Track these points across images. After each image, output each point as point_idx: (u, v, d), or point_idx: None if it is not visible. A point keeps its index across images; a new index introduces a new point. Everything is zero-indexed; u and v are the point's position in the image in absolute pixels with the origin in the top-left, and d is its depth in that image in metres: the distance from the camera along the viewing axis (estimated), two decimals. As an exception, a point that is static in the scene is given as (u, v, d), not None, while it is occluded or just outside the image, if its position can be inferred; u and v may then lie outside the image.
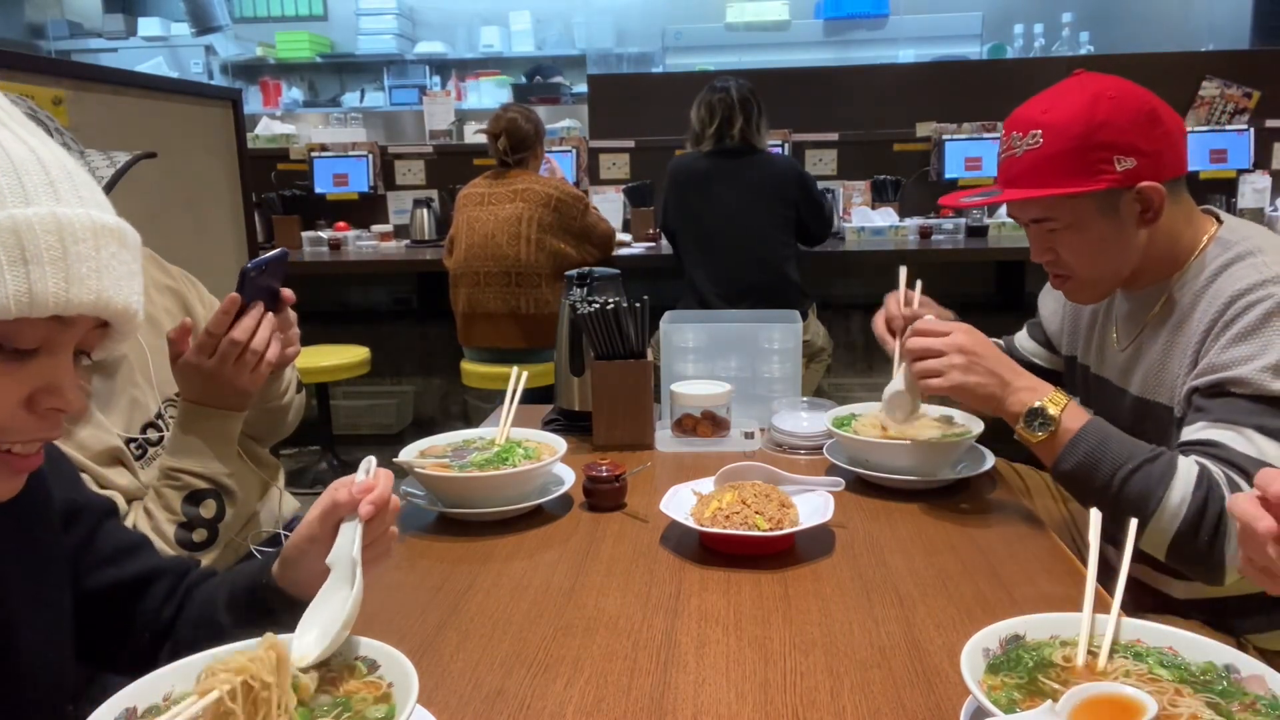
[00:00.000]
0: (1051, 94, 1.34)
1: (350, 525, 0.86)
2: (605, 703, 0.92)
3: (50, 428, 0.71)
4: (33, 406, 0.69)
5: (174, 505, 1.29)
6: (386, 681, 0.78)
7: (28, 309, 0.63)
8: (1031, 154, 1.32)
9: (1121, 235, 1.33)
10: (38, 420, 0.70)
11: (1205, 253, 1.34)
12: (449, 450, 1.50)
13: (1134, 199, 1.30)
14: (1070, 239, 1.36)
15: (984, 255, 4.12)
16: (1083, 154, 1.28)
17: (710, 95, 3.39)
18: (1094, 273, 1.38)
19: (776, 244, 3.37)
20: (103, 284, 0.67)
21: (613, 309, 1.70)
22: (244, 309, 1.25)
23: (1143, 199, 1.30)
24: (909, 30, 6.05)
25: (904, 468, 1.47)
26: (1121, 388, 1.45)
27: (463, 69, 6.67)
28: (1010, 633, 0.84)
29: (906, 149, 4.53)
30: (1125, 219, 1.32)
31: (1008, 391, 1.29)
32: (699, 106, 3.42)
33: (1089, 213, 1.32)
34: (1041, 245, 1.40)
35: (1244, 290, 1.24)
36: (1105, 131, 1.27)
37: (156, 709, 0.73)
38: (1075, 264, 1.38)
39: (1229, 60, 4.60)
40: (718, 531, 1.23)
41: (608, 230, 3.62)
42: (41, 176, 0.66)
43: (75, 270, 0.65)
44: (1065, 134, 1.29)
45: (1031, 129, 1.32)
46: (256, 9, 6.72)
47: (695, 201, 3.38)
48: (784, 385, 1.88)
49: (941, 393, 1.36)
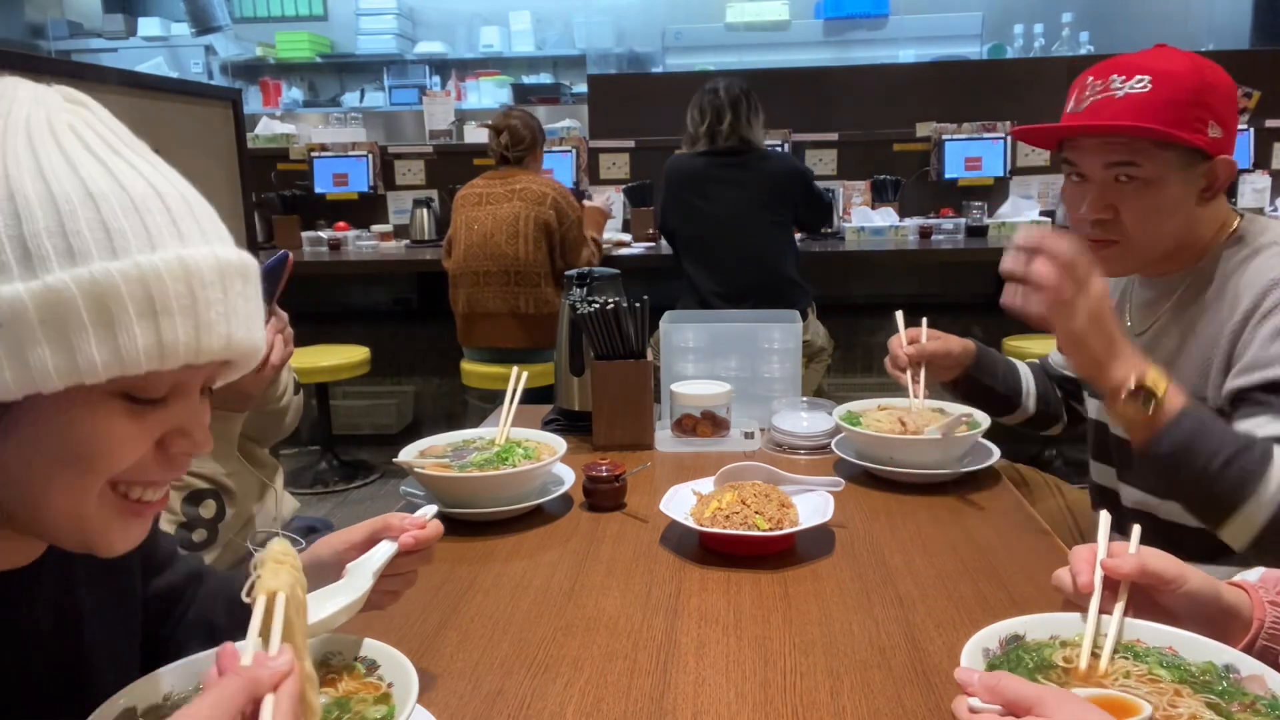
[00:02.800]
0: (1149, 53, 1.33)
1: (387, 545, 0.89)
2: (605, 703, 0.92)
3: (179, 468, 0.70)
4: (163, 449, 0.68)
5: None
6: (386, 681, 0.78)
7: (159, 362, 0.61)
8: (1136, 96, 1.29)
9: (1184, 203, 1.32)
10: (167, 462, 0.68)
11: (1227, 244, 1.35)
12: (449, 450, 1.50)
13: (1206, 171, 1.31)
14: (1140, 193, 1.32)
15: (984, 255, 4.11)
16: (1190, 107, 1.27)
17: (701, 97, 3.42)
18: (1145, 237, 1.35)
19: (774, 242, 3.37)
20: (231, 327, 0.65)
21: (613, 309, 1.70)
22: None
23: (1212, 173, 1.31)
24: (909, 30, 6.05)
25: (917, 461, 1.49)
26: None
27: (463, 69, 6.67)
28: (1010, 633, 0.84)
29: (906, 149, 4.53)
30: (1192, 188, 1.32)
31: (1117, 358, 1.21)
32: (692, 109, 3.45)
33: (1171, 169, 1.30)
34: (1102, 200, 1.35)
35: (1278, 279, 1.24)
36: (1212, 95, 1.28)
37: (157, 709, 0.73)
38: (1132, 224, 1.34)
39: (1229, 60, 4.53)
40: (718, 531, 1.23)
41: (588, 258, 3.56)
42: (163, 215, 0.63)
43: (204, 317, 0.63)
44: (1178, 84, 1.27)
45: (1137, 73, 1.30)
46: (256, 9, 6.72)
47: (692, 201, 3.39)
48: (784, 385, 1.88)
49: (1061, 331, 1.23)
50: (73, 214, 0.59)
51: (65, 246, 0.58)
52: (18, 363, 0.58)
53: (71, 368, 0.59)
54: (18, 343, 0.58)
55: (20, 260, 0.58)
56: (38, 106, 0.63)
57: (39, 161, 0.60)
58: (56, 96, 0.65)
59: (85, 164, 0.61)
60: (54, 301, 0.58)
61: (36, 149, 0.60)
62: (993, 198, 4.44)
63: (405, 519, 0.91)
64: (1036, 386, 1.72)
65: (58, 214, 0.59)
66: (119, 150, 0.64)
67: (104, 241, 0.60)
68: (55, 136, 0.62)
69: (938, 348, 1.62)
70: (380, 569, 0.87)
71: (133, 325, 0.60)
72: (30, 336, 0.58)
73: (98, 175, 0.61)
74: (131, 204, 0.61)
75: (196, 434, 0.69)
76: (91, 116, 0.65)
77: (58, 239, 0.58)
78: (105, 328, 0.59)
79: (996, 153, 4.41)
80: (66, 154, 0.61)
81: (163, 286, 0.61)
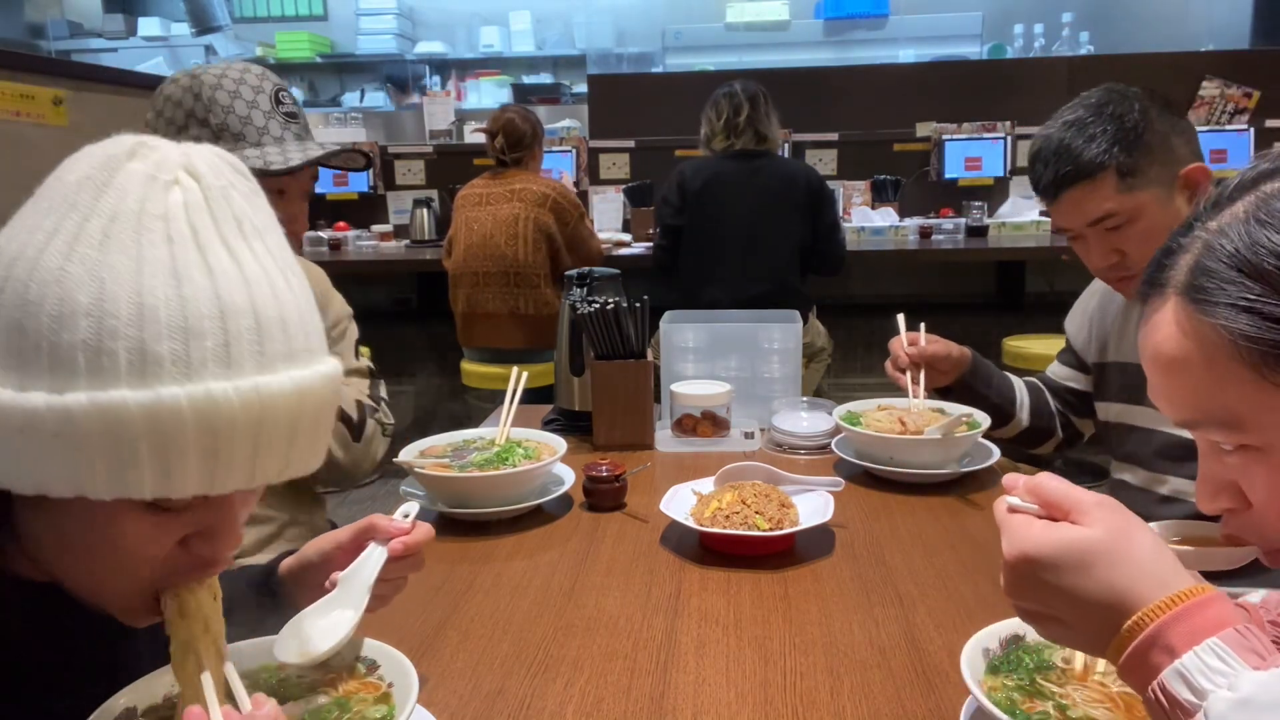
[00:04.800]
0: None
1: (377, 551, 0.87)
2: (605, 703, 0.92)
3: (210, 567, 0.67)
4: (185, 548, 0.65)
5: None
6: (386, 681, 0.78)
7: (207, 490, 0.58)
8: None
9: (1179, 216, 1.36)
10: (192, 562, 0.66)
11: None
12: (449, 450, 1.50)
13: (1184, 181, 1.38)
14: (1134, 233, 1.39)
15: (984, 255, 4.13)
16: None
17: (716, 98, 3.38)
18: None
19: (784, 252, 3.31)
20: (290, 457, 0.61)
21: (613, 309, 1.70)
22: None
23: (1191, 181, 1.38)
24: (909, 30, 6.04)
25: (917, 461, 1.49)
26: None
27: (463, 69, 6.66)
28: (1010, 633, 0.84)
29: (906, 149, 4.52)
30: (1179, 204, 1.38)
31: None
32: (706, 111, 3.39)
33: (1145, 199, 1.38)
34: (1104, 248, 1.43)
35: None
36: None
37: (156, 709, 0.73)
38: (1141, 257, 1.40)
39: (1229, 60, 4.60)
40: (718, 531, 1.23)
41: (596, 249, 3.58)
42: (251, 335, 0.58)
43: (264, 450, 0.59)
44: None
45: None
46: (256, 9, 6.71)
47: (705, 204, 3.34)
48: (784, 385, 1.88)
49: None
50: (113, 332, 0.55)
51: (96, 365, 0.55)
52: (32, 469, 0.57)
53: (120, 485, 0.57)
54: (39, 452, 0.56)
55: (91, 371, 0.55)
56: (140, 190, 0.58)
57: (135, 262, 0.56)
58: (178, 170, 0.60)
59: (153, 268, 0.56)
60: (65, 422, 0.55)
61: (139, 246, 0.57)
62: (993, 198, 4.44)
63: (391, 523, 0.89)
64: (1031, 400, 1.73)
65: (99, 328, 0.55)
66: (229, 243, 0.59)
67: (136, 366, 0.55)
68: (140, 230, 0.57)
69: (938, 350, 1.63)
70: (374, 580, 0.85)
71: (188, 459, 0.56)
72: (87, 447, 0.55)
73: (158, 284, 0.56)
74: (219, 315, 0.57)
75: (221, 538, 0.66)
76: (200, 198, 0.60)
77: (91, 355, 0.55)
78: (114, 456, 0.56)
79: (996, 153, 4.41)
80: (153, 253, 0.57)
81: (231, 419, 0.56)
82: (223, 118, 1.33)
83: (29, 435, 0.56)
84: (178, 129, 1.33)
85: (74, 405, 0.55)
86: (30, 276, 0.56)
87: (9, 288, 0.57)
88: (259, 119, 1.35)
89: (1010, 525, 0.66)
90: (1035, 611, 0.65)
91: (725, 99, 3.33)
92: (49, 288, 0.56)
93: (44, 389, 0.55)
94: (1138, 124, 1.36)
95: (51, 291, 0.56)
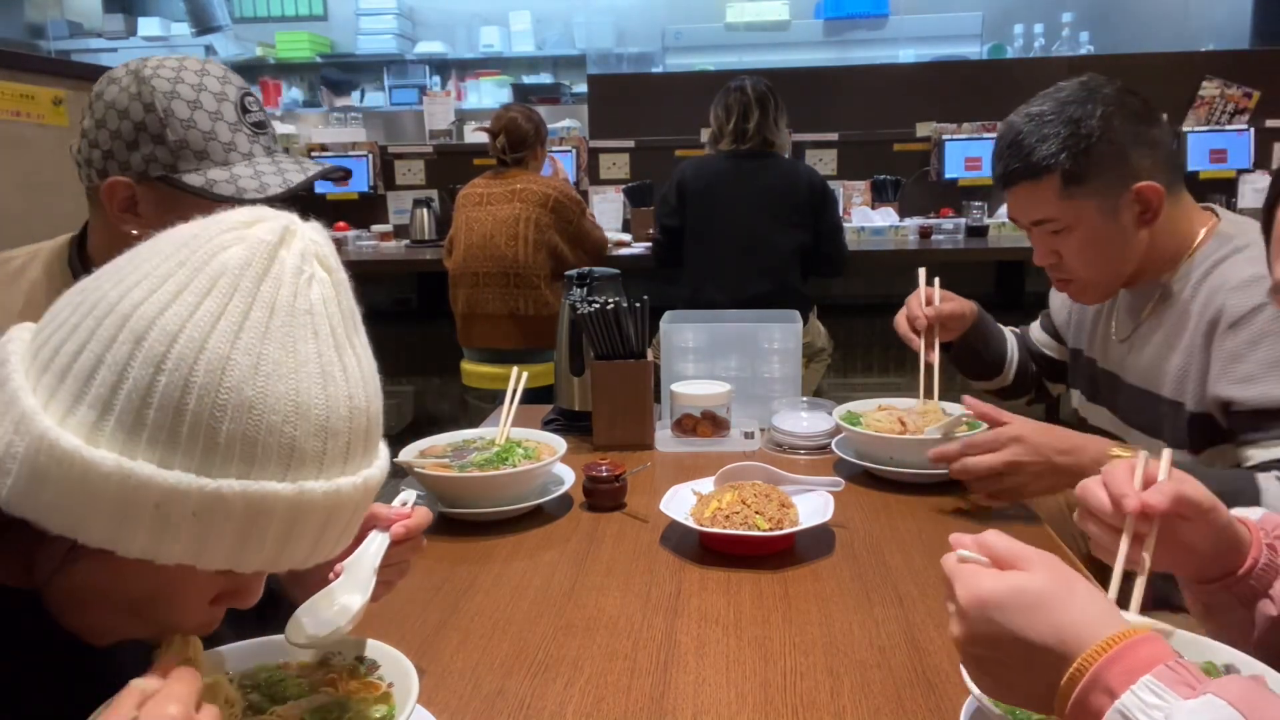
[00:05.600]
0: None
1: (379, 537, 0.88)
2: (605, 703, 0.92)
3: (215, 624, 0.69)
4: (215, 603, 0.68)
5: None
6: (386, 681, 0.78)
7: (271, 567, 0.62)
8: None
9: (1120, 234, 1.35)
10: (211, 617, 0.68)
11: (1203, 248, 1.36)
12: (449, 450, 1.50)
13: (1136, 198, 1.33)
14: (1072, 241, 1.37)
15: (984, 255, 4.12)
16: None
17: (727, 94, 3.35)
18: (1096, 274, 1.40)
19: (785, 252, 3.31)
20: (339, 543, 0.65)
21: (613, 309, 1.70)
22: None
23: (1143, 199, 1.32)
24: (909, 30, 6.04)
25: (914, 461, 1.49)
26: (1122, 379, 1.47)
27: (463, 69, 6.66)
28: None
29: (906, 149, 4.52)
30: (1123, 217, 1.34)
31: (1082, 470, 1.22)
32: (716, 106, 3.37)
33: (1087, 211, 1.34)
34: (1043, 249, 1.42)
35: (1242, 283, 1.25)
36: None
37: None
38: (1077, 266, 1.40)
39: (1229, 60, 4.60)
40: (718, 531, 1.23)
41: (601, 239, 3.61)
42: (344, 437, 0.62)
43: (326, 538, 0.63)
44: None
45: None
46: (256, 9, 6.71)
47: (706, 204, 3.34)
48: (784, 385, 1.88)
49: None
50: (272, 428, 0.58)
51: (250, 455, 0.58)
52: (154, 539, 0.58)
53: (194, 557, 0.59)
54: (169, 526, 0.57)
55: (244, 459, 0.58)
56: (292, 281, 0.61)
57: (292, 357, 0.59)
58: (313, 262, 0.63)
59: (308, 368, 0.60)
60: (213, 504, 0.57)
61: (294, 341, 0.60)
62: (993, 198, 4.43)
63: (391, 509, 0.90)
64: (1019, 358, 1.78)
65: (260, 423, 0.58)
66: (342, 348, 0.63)
67: (285, 459, 0.59)
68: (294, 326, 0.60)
69: (954, 309, 1.66)
70: (378, 565, 0.86)
71: (266, 543, 0.60)
72: (221, 528, 0.58)
73: (311, 384, 0.60)
74: (324, 425, 0.60)
75: (251, 594, 0.69)
76: (332, 293, 0.64)
77: (247, 446, 0.58)
78: (243, 536, 0.59)
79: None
80: (306, 349, 0.60)
81: (309, 515, 0.61)
82: (182, 134, 1.11)
83: (164, 510, 0.57)
84: (127, 145, 1.11)
85: (226, 491, 0.57)
86: (197, 359, 0.57)
87: (172, 365, 0.57)
88: (224, 133, 1.14)
89: (962, 573, 0.70)
90: (984, 657, 0.68)
91: (736, 100, 3.31)
92: (215, 375, 0.57)
93: (193, 470, 0.57)
94: (1092, 131, 1.31)
95: (218, 380, 0.57)
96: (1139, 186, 1.32)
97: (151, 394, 0.56)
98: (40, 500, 0.58)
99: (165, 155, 1.11)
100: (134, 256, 0.62)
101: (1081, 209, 1.33)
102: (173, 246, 0.61)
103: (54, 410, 0.58)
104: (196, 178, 1.11)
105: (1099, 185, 1.32)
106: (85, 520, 0.57)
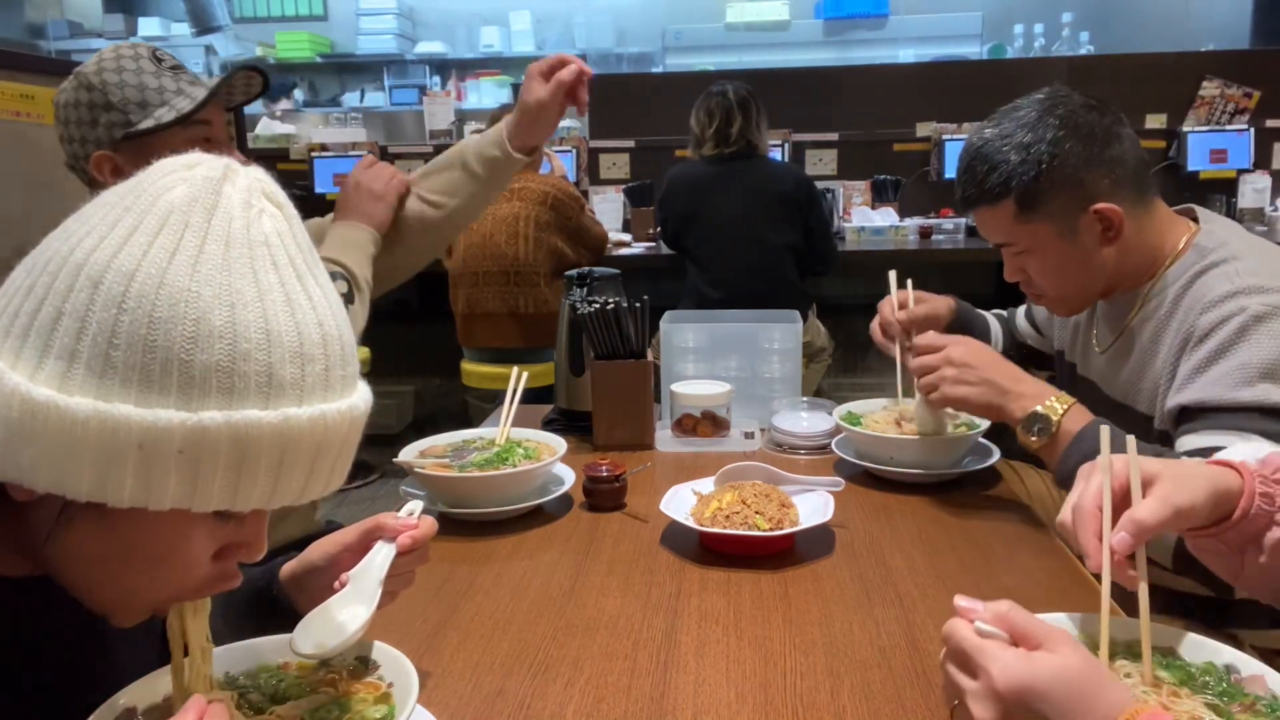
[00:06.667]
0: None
1: (386, 548, 0.88)
2: (605, 703, 0.92)
3: (229, 580, 0.69)
4: (220, 559, 0.67)
5: None
6: (386, 681, 0.78)
7: (265, 504, 0.61)
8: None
9: (1084, 256, 1.34)
10: (219, 572, 0.67)
11: (1180, 259, 1.34)
12: (449, 450, 1.50)
13: (1097, 218, 1.31)
14: (1034, 262, 1.38)
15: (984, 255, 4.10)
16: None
17: (708, 99, 3.38)
18: (1064, 292, 1.42)
19: (778, 250, 3.33)
20: (332, 479, 0.65)
21: (613, 309, 1.70)
22: None
23: (1105, 219, 1.31)
24: (909, 30, 6.04)
25: (914, 461, 1.49)
26: (1101, 390, 1.47)
27: (463, 69, 6.66)
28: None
29: (906, 149, 4.52)
30: (1085, 239, 1.33)
31: (1007, 399, 1.30)
32: (697, 111, 3.41)
33: (1046, 237, 1.34)
34: (1011, 267, 1.43)
35: (1215, 300, 1.23)
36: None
37: (156, 709, 0.73)
38: (1044, 285, 1.41)
39: (1229, 60, 4.59)
40: (718, 531, 1.23)
41: (601, 234, 3.62)
42: (320, 363, 0.61)
43: (320, 468, 0.63)
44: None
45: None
46: (256, 9, 6.71)
47: (697, 209, 3.36)
48: (784, 385, 1.88)
49: (943, 405, 1.39)
50: (246, 355, 0.58)
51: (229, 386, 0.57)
52: (142, 483, 0.57)
53: (187, 499, 0.58)
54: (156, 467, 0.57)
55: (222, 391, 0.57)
56: (242, 215, 0.61)
57: (256, 287, 0.59)
58: (260, 197, 0.63)
59: (272, 295, 0.60)
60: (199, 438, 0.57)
61: (255, 272, 0.59)
62: (993, 198, 4.43)
63: (398, 520, 0.90)
64: (1002, 345, 1.79)
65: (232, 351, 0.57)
66: (304, 276, 0.62)
67: (264, 387, 0.58)
68: (253, 256, 0.60)
69: (927, 310, 1.66)
70: (384, 576, 0.86)
71: (258, 477, 0.59)
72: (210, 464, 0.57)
73: (278, 310, 0.60)
74: (299, 347, 0.60)
75: (255, 545, 0.68)
76: (285, 226, 0.63)
77: (224, 376, 0.57)
78: (234, 471, 0.58)
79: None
80: (267, 279, 0.60)
81: (297, 444, 0.60)
82: (121, 93, 1.36)
83: (148, 450, 0.56)
84: (90, 124, 1.36)
85: (209, 423, 0.56)
86: (158, 294, 0.57)
87: (134, 304, 0.56)
88: (151, 81, 1.38)
89: (990, 653, 0.68)
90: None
91: (718, 104, 3.34)
92: (180, 308, 0.57)
93: (172, 406, 0.56)
94: (1041, 158, 1.28)
95: (183, 312, 0.56)
96: (1097, 208, 1.29)
97: (117, 334, 0.56)
98: (23, 459, 0.57)
99: (118, 116, 1.36)
100: (79, 214, 0.62)
101: (1037, 232, 1.33)
102: (116, 196, 0.61)
103: (23, 369, 0.57)
104: (149, 121, 1.36)
105: (1053, 209, 1.31)
106: (71, 472, 0.57)
